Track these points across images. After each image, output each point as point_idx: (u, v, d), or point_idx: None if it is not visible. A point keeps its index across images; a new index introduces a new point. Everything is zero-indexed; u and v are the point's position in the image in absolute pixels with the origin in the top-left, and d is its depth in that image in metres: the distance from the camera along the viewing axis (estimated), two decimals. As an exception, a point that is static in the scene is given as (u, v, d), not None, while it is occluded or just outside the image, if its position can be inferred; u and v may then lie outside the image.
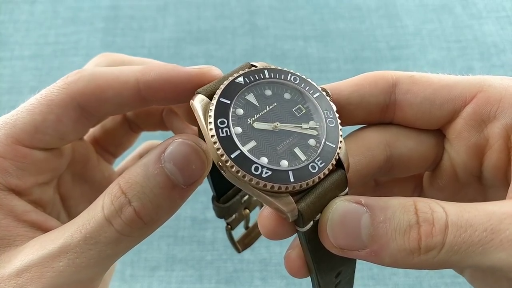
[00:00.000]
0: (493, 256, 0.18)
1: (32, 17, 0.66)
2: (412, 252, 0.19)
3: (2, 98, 0.58)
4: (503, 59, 0.60)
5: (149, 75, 0.23)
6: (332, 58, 0.61)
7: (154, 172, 0.20)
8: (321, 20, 0.65)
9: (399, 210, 0.19)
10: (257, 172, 0.20)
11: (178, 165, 0.20)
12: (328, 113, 0.22)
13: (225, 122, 0.21)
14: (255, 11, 0.66)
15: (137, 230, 0.21)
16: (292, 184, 0.20)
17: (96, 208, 0.21)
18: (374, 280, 0.45)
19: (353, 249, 0.20)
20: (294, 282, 0.46)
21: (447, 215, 0.19)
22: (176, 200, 0.21)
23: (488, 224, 0.18)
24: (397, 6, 0.66)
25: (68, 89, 0.23)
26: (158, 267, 0.47)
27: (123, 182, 0.20)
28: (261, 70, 0.23)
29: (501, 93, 0.22)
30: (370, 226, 0.19)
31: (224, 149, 0.20)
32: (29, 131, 0.23)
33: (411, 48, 0.62)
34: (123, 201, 0.20)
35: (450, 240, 0.18)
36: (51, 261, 0.20)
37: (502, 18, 0.64)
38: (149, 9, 0.66)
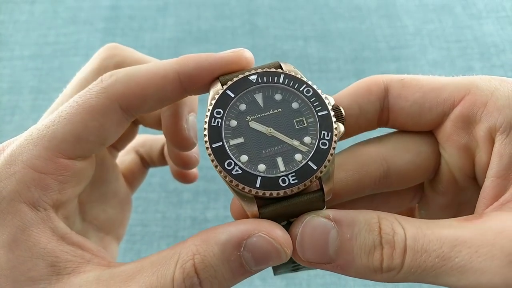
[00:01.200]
0: (444, 279, 0.19)
1: (32, 17, 0.66)
2: (375, 270, 0.20)
3: (2, 98, 0.58)
4: (503, 59, 0.60)
5: (188, 65, 0.23)
6: (332, 58, 0.61)
7: (230, 258, 0.20)
8: (321, 20, 0.65)
9: (365, 229, 0.20)
10: (229, 168, 0.21)
11: (256, 259, 0.20)
12: (325, 134, 0.22)
13: (220, 113, 0.22)
14: (255, 11, 0.66)
15: None
16: (256, 189, 0.21)
17: (165, 277, 0.20)
18: (374, 280, 0.45)
19: (320, 263, 0.21)
20: (294, 282, 0.46)
21: (406, 239, 0.20)
22: (241, 280, 0.21)
23: (440, 251, 0.19)
24: (397, 6, 0.66)
25: (107, 93, 0.23)
26: (158, 267, 0.47)
27: (198, 260, 0.20)
28: (278, 73, 0.23)
29: (487, 96, 0.23)
30: (337, 243, 0.20)
31: (209, 137, 0.21)
32: (70, 141, 0.23)
33: (411, 48, 0.62)
34: (195, 282, 0.20)
35: (408, 263, 0.20)
36: None
37: (502, 18, 0.64)
38: (149, 9, 0.66)
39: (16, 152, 0.22)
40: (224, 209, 0.50)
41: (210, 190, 0.50)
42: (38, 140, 0.22)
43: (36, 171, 0.22)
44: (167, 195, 0.50)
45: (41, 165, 0.22)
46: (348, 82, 0.59)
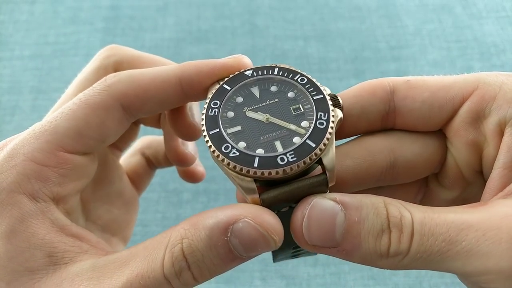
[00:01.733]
0: (450, 264, 0.19)
1: (32, 17, 0.66)
2: (381, 255, 0.20)
3: (2, 98, 0.58)
4: (503, 59, 0.60)
5: (189, 71, 0.24)
6: (332, 58, 0.61)
7: (217, 243, 0.20)
8: (321, 20, 0.65)
9: (373, 212, 0.20)
10: (226, 151, 0.21)
11: (244, 245, 0.20)
12: (321, 115, 0.22)
13: (217, 104, 0.22)
14: (255, 11, 0.66)
15: (191, 286, 0.21)
16: (255, 169, 0.20)
17: (155, 261, 0.20)
18: (374, 280, 0.45)
19: (326, 246, 0.20)
20: (294, 282, 0.46)
21: (413, 222, 0.20)
22: (233, 267, 0.21)
23: (446, 235, 0.19)
24: (397, 6, 0.66)
25: (110, 91, 0.24)
26: (158, 267, 0.47)
27: (186, 244, 0.20)
28: (272, 67, 0.24)
29: (495, 90, 0.23)
30: (344, 226, 0.20)
31: (206, 125, 0.22)
32: (72, 136, 0.23)
33: (411, 48, 0.62)
34: (184, 266, 0.20)
35: (414, 248, 0.19)
36: None
37: (502, 18, 0.64)
38: (149, 9, 0.66)
39: (18, 146, 0.23)
40: (224, 209, 0.50)
41: (210, 190, 0.50)
42: (40, 134, 0.23)
43: (37, 164, 0.22)
44: (167, 195, 0.50)
45: (42, 157, 0.22)
46: (348, 82, 0.59)
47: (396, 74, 0.60)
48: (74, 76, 0.31)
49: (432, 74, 0.25)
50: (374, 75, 0.59)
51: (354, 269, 0.46)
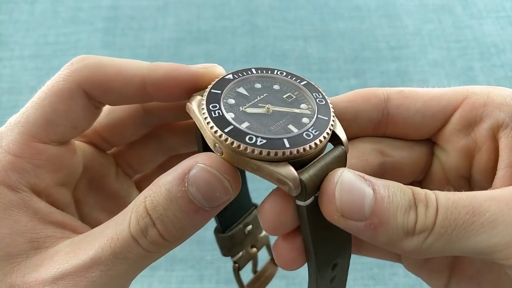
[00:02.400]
0: (475, 239, 0.19)
1: (32, 17, 0.66)
2: (408, 232, 0.20)
3: (2, 98, 0.58)
4: (503, 59, 0.60)
5: (156, 72, 0.24)
6: (332, 58, 0.61)
7: (177, 195, 0.20)
8: (321, 20, 0.65)
9: (399, 190, 0.20)
10: (252, 141, 0.20)
11: (202, 191, 0.20)
12: (317, 95, 0.23)
13: (216, 106, 0.21)
14: (255, 11, 0.66)
15: (162, 247, 0.21)
16: (289, 149, 0.20)
17: (123, 223, 0.21)
18: (374, 280, 0.45)
19: (353, 218, 0.20)
20: (294, 282, 0.46)
21: (437, 198, 0.20)
22: (200, 221, 0.21)
23: (470, 207, 0.19)
24: (397, 6, 0.66)
25: (74, 77, 0.23)
26: (158, 267, 0.47)
27: (148, 201, 0.20)
28: (249, 68, 0.24)
29: (484, 98, 0.24)
30: (373, 200, 0.20)
31: (218, 126, 0.20)
32: (41, 124, 0.23)
33: (411, 48, 0.62)
34: (148, 222, 0.20)
35: (439, 222, 0.19)
36: (85, 271, 0.21)
37: (502, 18, 0.64)
38: (149, 9, 0.66)
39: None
40: (224, 209, 0.50)
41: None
42: (15, 125, 0.23)
43: (13, 155, 0.23)
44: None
45: (17, 149, 0.23)
46: (348, 82, 0.59)
47: (396, 74, 0.60)
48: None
49: (432, 74, 0.26)
50: (374, 75, 0.59)
51: (354, 269, 0.46)
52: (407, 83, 0.59)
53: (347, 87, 0.58)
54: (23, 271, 0.21)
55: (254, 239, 0.32)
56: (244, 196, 0.31)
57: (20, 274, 0.21)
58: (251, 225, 0.31)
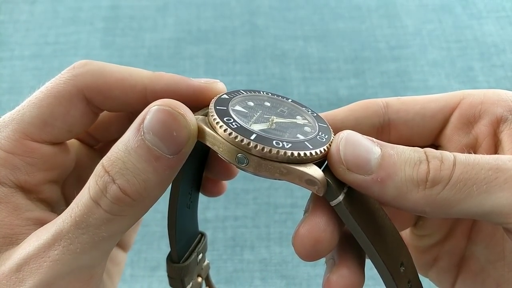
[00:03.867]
0: (496, 195, 0.18)
1: (32, 17, 0.66)
2: (418, 184, 0.19)
3: (2, 98, 0.58)
4: (503, 59, 0.60)
5: (158, 83, 0.23)
6: (332, 58, 0.61)
7: (134, 146, 0.19)
8: (321, 20, 0.65)
9: (409, 149, 0.20)
10: (280, 145, 0.20)
11: (158, 134, 0.19)
12: (306, 108, 0.24)
13: (231, 119, 0.21)
14: (255, 11, 0.66)
15: (127, 208, 0.20)
16: (313, 149, 0.21)
17: (83, 191, 0.20)
18: (374, 280, 0.45)
19: (359, 172, 0.20)
20: (294, 282, 0.46)
21: (455, 156, 0.19)
22: (163, 171, 0.20)
23: (494, 164, 0.19)
24: (397, 6, 0.66)
25: (75, 81, 0.23)
26: (158, 267, 0.47)
27: (105, 160, 0.20)
28: (237, 90, 0.24)
29: (480, 97, 0.24)
30: (380, 156, 0.20)
31: (242, 135, 0.20)
32: (37, 124, 0.23)
33: (411, 48, 0.62)
34: (107, 180, 0.19)
35: (457, 176, 0.19)
36: (47, 250, 0.20)
37: (502, 18, 0.64)
38: (149, 9, 0.66)
39: None
40: (224, 209, 0.50)
41: (210, 190, 0.50)
42: (9, 122, 0.23)
43: (4, 151, 0.23)
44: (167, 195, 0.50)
45: (9, 145, 0.23)
46: (348, 82, 0.59)
47: (396, 74, 0.60)
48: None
49: (432, 74, 0.26)
50: (374, 75, 0.59)
51: (354, 269, 0.46)
52: (407, 83, 0.59)
53: (347, 87, 0.58)
54: None
55: (199, 268, 0.31)
56: (195, 223, 0.31)
57: None
58: (201, 254, 0.31)
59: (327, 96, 0.57)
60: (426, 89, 0.58)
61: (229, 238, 0.48)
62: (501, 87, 0.58)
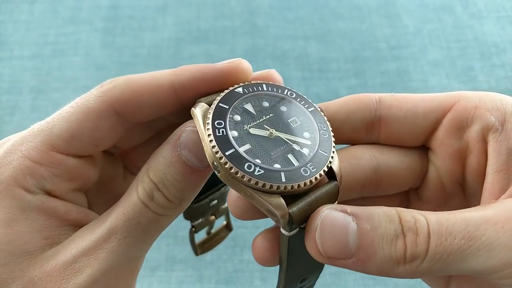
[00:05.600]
0: (472, 261, 0.19)
1: (32, 17, 0.66)
2: (398, 261, 0.20)
3: (2, 98, 0.58)
4: (504, 59, 0.60)
5: (183, 75, 0.24)
6: (332, 58, 0.61)
7: (172, 160, 0.22)
8: (321, 20, 0.65)
9: (385, 219, 0.20)
10: (250, 170, 0.20)
11: (193, 151, 0.22)
12: (321, 125, 0.23)
13: (222, 124, 0.22)
14: (255, 11, 0.66)
15: (169, 209, 0.23)
16: (284, 184, 0.20)
17: (132, 194, 0.23)
18: (374, 280, 0.45)
19: (340, 258, 0.20)
20: (294, 282, 0.46)
21: (428, 224, 0.19)
22: (197, 181, 0.23)
23: (465, 232, 0.19)
24: (397, 6, 0.66)
25: (104, 97, 0.24)
26: (158, 267, 0.47)
27: (150, 170, 0.23)
28: (260, 84, 0.24)
29: (475, 101, 0.24)
30: (357, 235, 0.20)
31: (219, 147, 0.21)
32: (65, 138, 0.24)
33: (411, 48, 0.62)
34: (153, 187, 0.22)
35: (433, 249, 0.19)
36: (104, 242, 0.22)
37: (502, 18, 0.64)
38: (149, 9, 0.66)
39: (17, 143, 0.24)
40: (224, 209, 0.50)
41: (210, 190, 0.50)
42: (38, 133, 0.24)
43: (31, 161, 0.23)
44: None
45: (36, 155, 0.23)
46: (348, 82, 0.59)
47: (396, 74, 0.60)
48: (74, 76, 0.31)
49: (432, 73, 0.26)
50: (374, 75, 0.59)
51: (354, 269, 0.46)
52: (407, 83, 0.59)
53: (347, 87, 0.58)
54: (40, 263, 0.22)
55: (215, 210, 0.35)
56: (214, 174, 0.32)
57: (38, 266, 0.22)
58: (216, 200, 0.33)
59: (327, 96, 0.57)
60: (426, 89, 0.58)
61: (229, 238, 0.48)
62: (501, 87, 0.58)
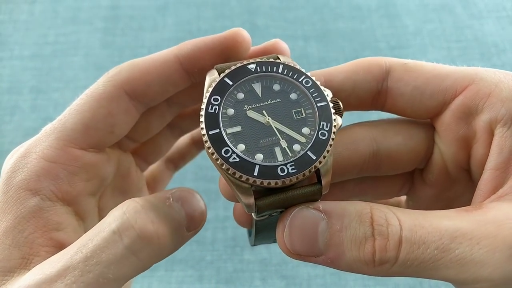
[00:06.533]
0: (443, 272, 0.19)
1: (32, 17, 0.66)
2: (366, 263, 0.19)
3: (2, 98, 0.58)
4: (504, 59, 0.60)
5: (186, 47, 0.25)
6: (332, 58, 0.61)
7: (164, 204, 0.22)
8: (321, 20, 0.65)
9: (355, 220, 0.20)
10: (226, 155, 0.20)
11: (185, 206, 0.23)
12: (324, 124, 0.21)
13: (218, 100, 0.21)
14: (255, 11, 0.66)
15: (144, 248, 0.20)
16: (254, 178, 0.20)
17: (101, 229, 0.20)
18: (374, 280, 0.45)
19: (310, 255, 0.20)
20: (294, 283, 0.45)
21: (401, 230, 0.19)
22: (183, 240, 0.23)
23: (439, 243, 0.19)
24: (397, 6, 0.66)
25: (112, 81, 0.24)
26: (158, 267, 0.47)
27: (123, 210, 0.21)
28: (277, 64, 0.23)
29: (491, 87, 0.22)
30: (327, 234, 0.20)
31: (206, 124, 0.20)
32: (80, 129, 0.23)
33: (411, 48, 0.62)
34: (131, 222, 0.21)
35: (404, 256, 0.19)
36: (47, 286, 0.19)
37: (502, 18, 0.64)
38: (149, 9, 0.66)
39: (31, 146, 0.23)
40: (224, 210, 0.49)
41: (210, 190, 0.50)
42: (51, 132, 0.23)
43: (47, 161, 0.23)
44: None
45: (52, 154, 0.23)
46: (348, 82, 0.59)
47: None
48: (74, 76, 0.31)
49: None
50: (374, 75, 0.59)
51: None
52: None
53: (347, 87, 0.58)
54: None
55: None
56: None
57: None
58: None
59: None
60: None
61: (229, 238, 0.48)
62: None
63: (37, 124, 0.55)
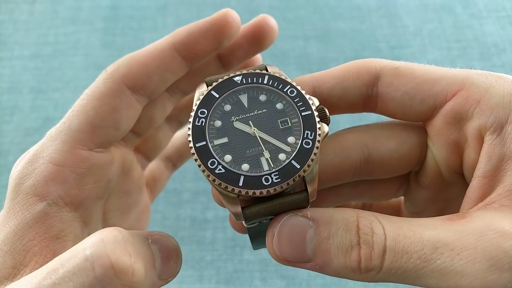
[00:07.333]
0: (425, 281, 0.19)
1: (32, 17, 0.66)
2: (353, 270, 0.20)
3: (1, 98, 0.58)
4: (504, 59, 0.60)
5: (180, 34, 0.25)
6: (332, 58, 0.61)
7: (143, 243, 0.22)
8: (321, 20, 0.65)
9: (342, 228, 0.20)
10: (212, 167, 0.21)
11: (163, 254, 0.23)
12: (308, 133, 0.22)
13: (204, 113, 0.22)
14: (255, 11, 0.66)
15: (114, 281, 0.19)
16: (239, 188, 0.20)
17: (76, 249, 0.19)
18: (374, 280, 0.45)
19: (299, 262, 0.21)
20: (294, 283, 0.45)
21: (386, 239, 0.20)
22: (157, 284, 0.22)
23: (421, 253, 0.19)
24: (397, 6, 0.66)
25: (112, 77, 0.24)
26: (158, 267, 0.46)
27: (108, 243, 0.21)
28: (263, 74, 0.23)
29: (481, 93, 0.22)
30: (314, 241, 0.20)
31: (193, 137, 0.21)
32: (86, 129, 0.23)
33: (411, 48, 0.62)
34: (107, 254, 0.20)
35: (387, 265, 0.19)
36: None
37: (502, 18, 0.64)
38: (149, 9, 0.66)
39: (38, 151, 0.23)
40: (224, 210, 0.49)
41: (210, 190, 0.50)
42: (56, 135, 0.23)
43: (55, 165, 0.22)
44: (167, 195, 0.50)
45: (60, 158, 0.23)
46: (348, 82, 0.59)
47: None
48: (74, 76, 0.31)
49: None
50: (374, 75, 0.59)
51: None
52: (407, 83, 0.58)
53: (347, 87, 0.58)
54: None
55: None
56: None
57: None
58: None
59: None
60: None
61: (229, 238, 0.48)
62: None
63: (37, 124, 0.55)
